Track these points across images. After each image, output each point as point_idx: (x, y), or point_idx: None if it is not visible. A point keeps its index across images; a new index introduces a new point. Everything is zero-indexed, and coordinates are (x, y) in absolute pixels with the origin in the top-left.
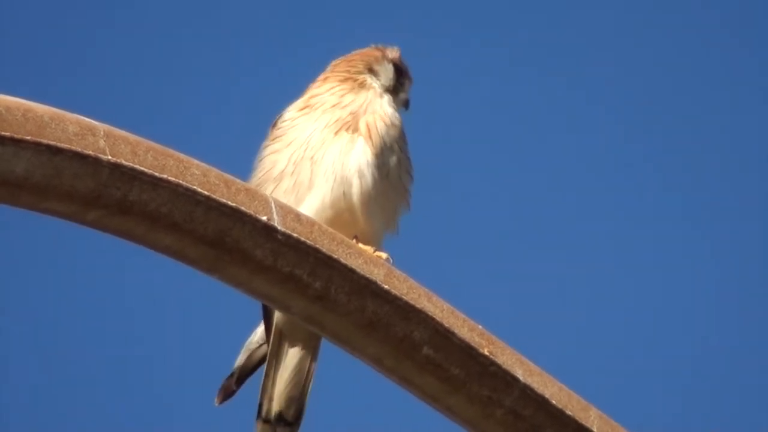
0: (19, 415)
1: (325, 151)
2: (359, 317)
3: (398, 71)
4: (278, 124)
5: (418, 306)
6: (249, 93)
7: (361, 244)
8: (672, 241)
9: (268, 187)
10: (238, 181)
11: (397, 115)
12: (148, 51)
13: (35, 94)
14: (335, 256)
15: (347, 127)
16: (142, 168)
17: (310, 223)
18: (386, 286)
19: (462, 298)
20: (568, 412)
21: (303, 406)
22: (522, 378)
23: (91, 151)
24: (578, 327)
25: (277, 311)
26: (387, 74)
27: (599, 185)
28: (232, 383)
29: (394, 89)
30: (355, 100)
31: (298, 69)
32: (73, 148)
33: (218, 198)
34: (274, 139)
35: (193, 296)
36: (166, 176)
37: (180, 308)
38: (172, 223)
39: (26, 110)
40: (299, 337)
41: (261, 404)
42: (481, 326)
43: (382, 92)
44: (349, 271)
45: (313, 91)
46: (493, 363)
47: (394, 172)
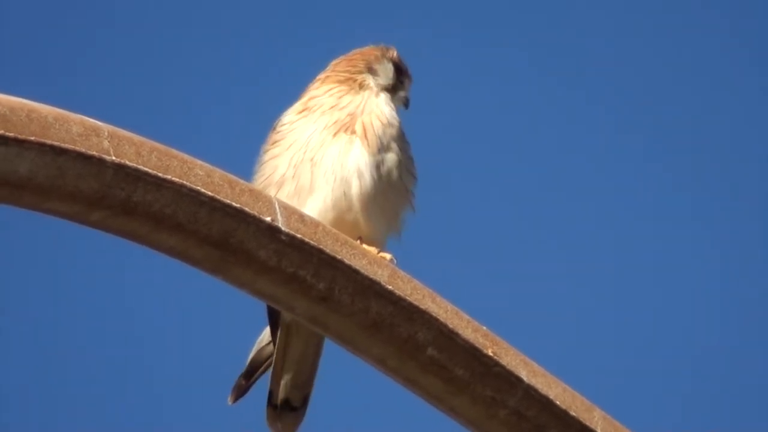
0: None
1: (325, 152)
2: (363, 318)
3: (398, 70)
4: (277, 128)
5: (422, 307)
6: (252, 93)
7: (365, 245)
8: (675, 241)
9: (270, 192)
10: (242, 181)
11: (395, 115)
12: (152, 51)
13: (39, 94)
14: (339, 257)
15: (345, 129)
16: (146, 169)
17: (314, 223)
18: (390, 287)
19: (466, 299)
20: (572, 413)
21: (309, 393)
22: (526, 379)
23: (95, 152)
24: (582, 328)
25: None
26: (387, 73)
27: (603, 185)
28: (242, 381)
29: (394, 88)
30: (353, 101)
31: (300, 69)
32: (77, 148)
33: (222, 199)
34: (274, 143)
35: (198, 297)
36: (170, 177)
37: (184, 309)
38: (176, 224)
39: (30, 111)
40: (306, 329)
41: (271, 391)
42: (485, 327)
43: (381, 92)
44: (353, 272)
45: (312, 93)
46: (497, 364)
47: (394, 172)
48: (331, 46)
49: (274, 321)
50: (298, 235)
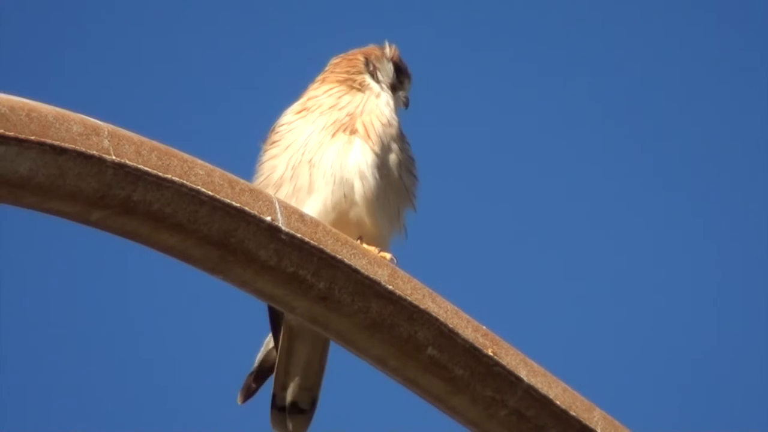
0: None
1: (323, 153)
2: (363, 318)
3: (398, 70)
4: (276, 128)
5: (423, 306)
6: (252, 92)
7: (365, 245)
8: (675, 241)
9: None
10: (242, 181)
11: (394, 115)
12: (152, 51)
13: (39, 93)
14: (339, 257)
15: (344, 129)
16: (147, 168)
17: (315, 223)
18: (390, 287)
19: (466, 299)
20: (572, 413)
21: (317, 394)
22: (526, 378)
23: (96, 151)
24: (582, 327)
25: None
26: (386, 73)
27: (602, 185)
28: (251, 382)
29: (394, 88)
30: (352, 101)
31: (300, 68)
32: (78, 148)
33: (222, 198)
34: (272, 143)
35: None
36: (170, 176)
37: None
38: (176, 224)
39: (30, 110)
40: (310, 331)
41: (275, 394)
42: (485, 327)
43: (380, 92)
44: (353, 272)
45: (311, 93)
46: (497, 363)
47: (394, 172)
48: (331, 46)
49: (276, 325)
50: (299, 235)
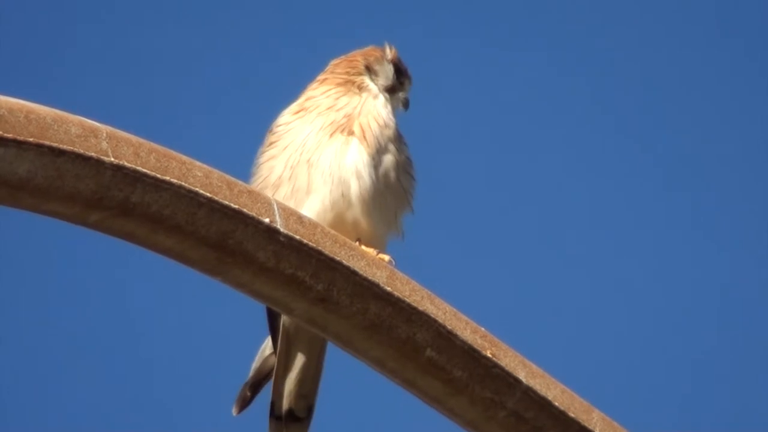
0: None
1: (321, 153)
2: (362, 319)
3: (398, 71)
4: (273, 129)
5: (421, 308)
6: (250, 94)
7: (363, 247)
8: (676, 240)
9: (268, 194)
10: (240, 183)
11: (392, 116)
12: (151, 53)
13: (38, 95)
14: (338, 258)
15: (342, 129)
16: (145, 170)
17: (313, 225)
18: (389, 288)
19: (465, 301)
20: (571, 414)
21: (313, 402)
22: (524, 380)
23: (94, 153)
24: (581, 329)
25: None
26: (386, 74)
27: (603, 186)
28: (246, 391)
29: (394, 89)
30: (350, 102)
31: (299, 69)
32: (76, 149)
33: (221, 200)
34: (270, 144)
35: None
36: (168, 178)
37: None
38: (174, 225)
39: (29, 112)
40: (306, 336)
41: (273, 402)
42: (483, 328)
43: (378, 93)
44: (352, 273)
45: (309, 93)
46: (496, 365)
47: (392, 173)
48: (330, 46)
49: (275, 329)
50: (297, 237)
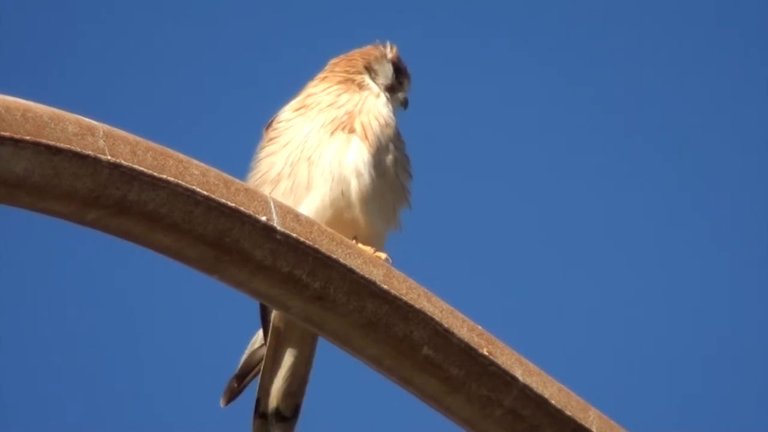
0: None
1: (322, 151)
2: (358, 317)
3: (397, 70)
4: (273, 125)
5: (418, 306)
6: (249, 93)
7: (360, 245)
8: (673, 238)
9: (266, 189)
10: (237, 181)
11: (392, 115)
12: (148, 51)
13: (35, 94)
14: (334, 257)
15: (343, 127)
16: (142, 168)
17: (310, 223)
18: (385, 286)
19: (461, 299)
20: (568, 412)
21: (300, 402)
22: (521, 378)
23: (91, 151)
24: (578, 327)
25: (274, 311)
26: (386, 73)
27: (600, 183)
28: (234, 382)
29: (393, 88)
30: (350, 99)
31: (298, 68)
32: (73, 148)
33: (217, 198)
34: (270, 140)
35: (193, 297)
36: (165, 176)
37: (179, 309)
38: (171, 224)
39: (26, 110)
40: (296, 335)
41: (259, 399)
42: (480, 326)
43: (379, 92)
44: (349, 271)
45: (309, 90)
46: (493, 363)
47: (391, 171)
48: (330, 46)
49: (267, 322)
50: (294, 235)
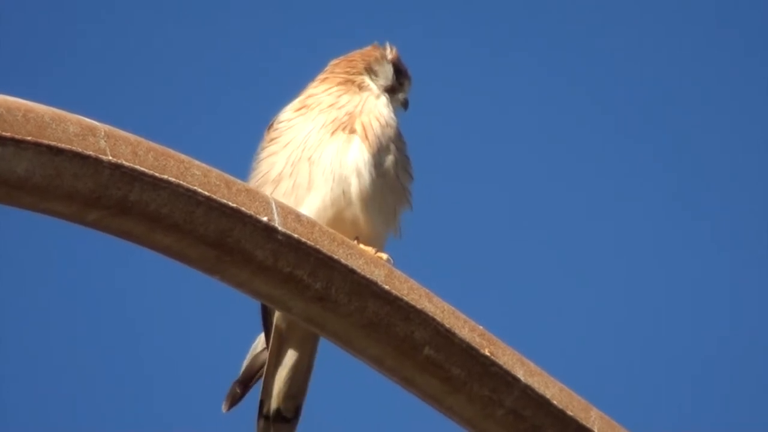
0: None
1: (323, 151)
2: (360, 318)
3: (397, 71)
4: (274, 126)
5: (419, 306)
6: (249, 93)
7: (361, 245)
8: (675, 239)
9: (267, 190)
10: (238, 181)
11: (392, 116)
12: (149, 51)
13: (36, 94)
14: (336, 257)
15: (343, 127)
16: (143, 168)
17: (311, 223)
18: (387, 287)
19: (463, 299)
20: (569, 413)
21: (301, 403)
22: (523, 378)
23: (92, 152)
24: (579, 327)
25: (277, 311)
26: (386, 74)
27: (601, 182)
28: (236, 388)
29: (393, 89)
30: (351, 100)
31: (298, 69)
32: (74, 148)
33: (219, 198)
34: (271, 140)
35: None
36: (166, 177)
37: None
38: (172, 224)
39: (27, 111)
40: (298, 336)
41: (262, 401)
42: (481, 327)
43: (380, 93)
44: (350, 272)
45: (310, 90)
46: (494, 363)
47: (391, 171)
48: (330, 46)
49: (268, 326)
50: (295, 235)
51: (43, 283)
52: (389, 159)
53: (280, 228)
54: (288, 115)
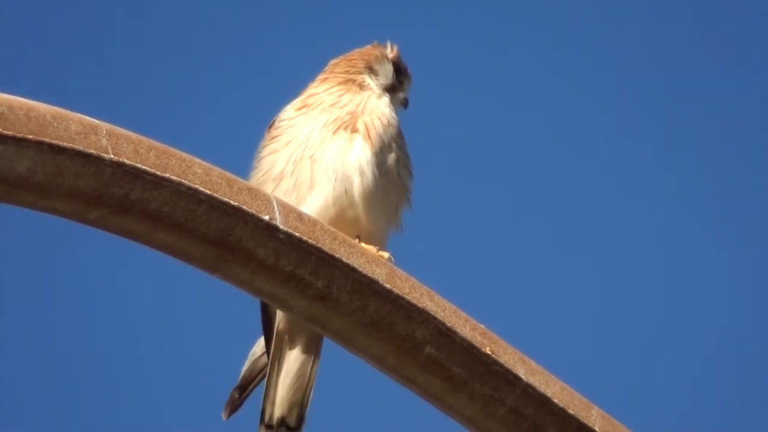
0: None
1: (325, 149)
2: (361, 317)
3: (397, 70)
4: (276, 124)
5: (420, 305)
6: (250, 92)
7: (363, 244)
8: (675, 237)
9: (268, 188)
10: (240, 180)
11: (394, 115)
12: (150, 50)
13: (38, 93)
14: (337, 256)
15: (345, 126)
16: (145, 167)
17: (312, 222)
18: (388, 286)
19: (464, 297)
20: (570, 411)
21: (305, 411)
22: (524, 377)
23: (94, 150)
24: (580, 326)
25: (279, 314)
26: (386, 73)
27: (601, 182)
28: (235, 395)
29: (393, 88)
30: (352, 99)
31: (298, 68)
32: (76, 147)
33: (220, 197)
34: (272, 139)
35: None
36: (168, 175)
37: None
38: (174, 222)
39: (29, 109)
40: (300, 342)
41: (264, 410)
42: (483, 325)
43: (381, 92)
44: (351, 271)
45: (311, 90)
46: (495, 362)
47: (393, 170)
48: (331, 46)
49: (270, 333)
50: (297, 234)
51: (43, 282)
52: (391, 158)
53: (282, 227)
54: (289, 114)
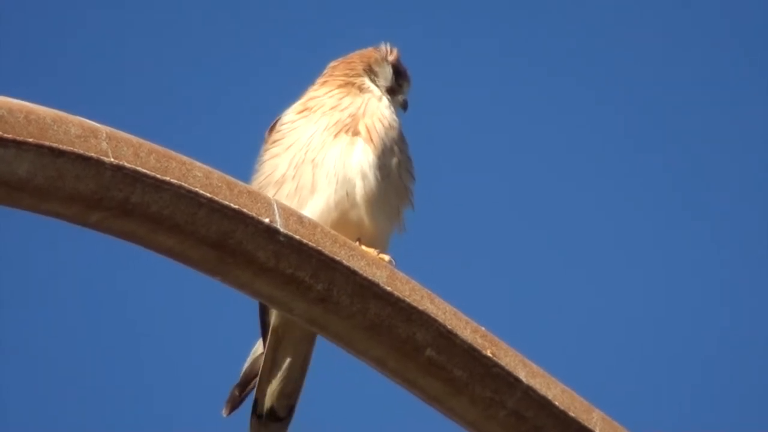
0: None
1: (326, 153)
2: (362, 319)
3: (397, 73)
4: (277, 128)
5: (421, 308)
6: (251, 94)
7: (363, 247)
8: (678, 239)
9: (270, 192)
10: (240, 183)
11: (395, 117)
12: (151, 53)
13: (38, 96)
14: (338, 258)
15: (347, 130)
16: (145, 170)
17: (313, 225)
18: (389, 288)
19: (465, 300)
20: (571, 414)
21: (295, 403)
22: (525, 379)
23: (94, 154)
24: (581, 328)
25: (275, 312)
26: (385, 76)
27: (602, 183)
28: (236, 392)
29: (393, 91)
30: (353, 102)
31: (299, 70)
32: (76, 150)
33: (221, 200)
34: (274, 142)
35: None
36: (168, 178)
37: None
38: (174, 226)
39: (29, 112)
40: (294, 336)
41: (256, 400)
42: (483, 328)
43: (381, 95)
44: (352, 273)
45: (311, 93)
46: (496, 365)
47: (395, 173)
48: (331, 47)
49: (266, 327)
50: (297, 237)
51: (44, 284)
52: (393, 160)
53: (282, 230)
54: (290, 117)
